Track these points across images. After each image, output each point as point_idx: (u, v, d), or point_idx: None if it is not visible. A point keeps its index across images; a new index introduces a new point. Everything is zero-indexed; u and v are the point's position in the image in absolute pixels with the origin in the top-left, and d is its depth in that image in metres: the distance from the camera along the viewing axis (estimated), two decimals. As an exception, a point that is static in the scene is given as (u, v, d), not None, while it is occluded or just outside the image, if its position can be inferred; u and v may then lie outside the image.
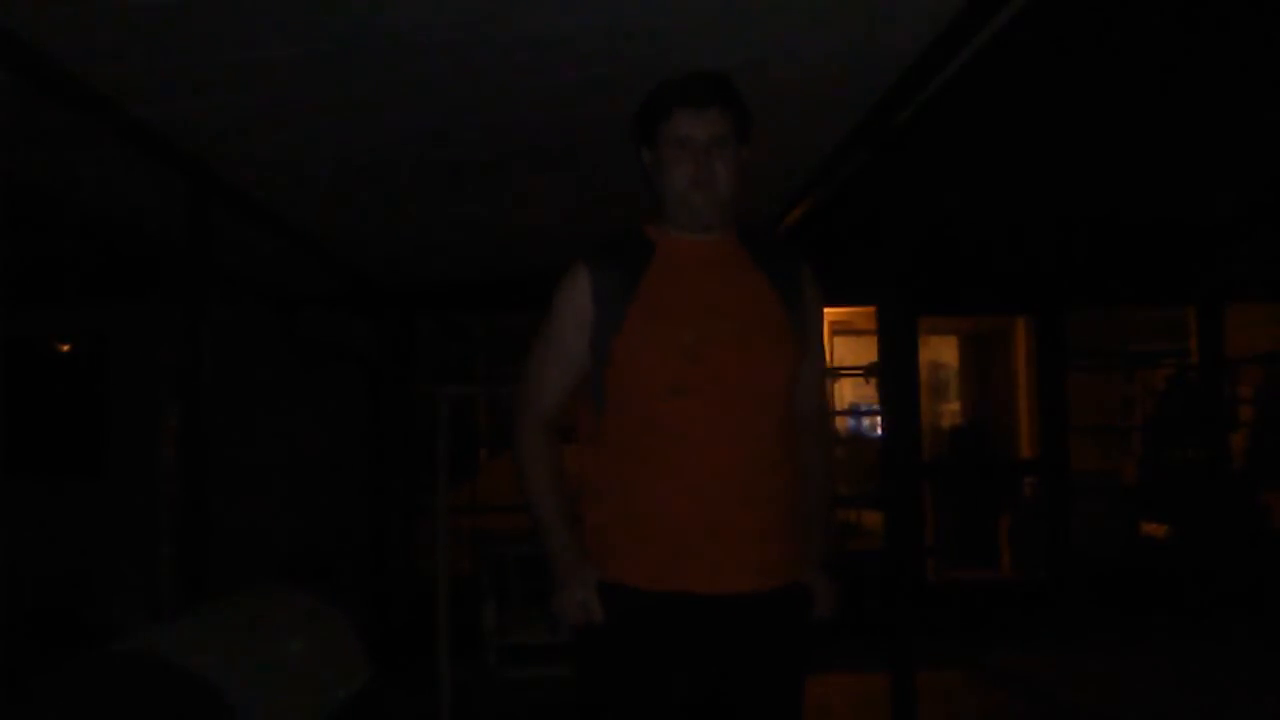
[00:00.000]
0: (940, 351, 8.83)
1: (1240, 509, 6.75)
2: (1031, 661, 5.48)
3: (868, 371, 6.58)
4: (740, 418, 1.79)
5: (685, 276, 1.85)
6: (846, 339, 7.89)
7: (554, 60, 2.79)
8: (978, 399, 8.55)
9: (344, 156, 3.63)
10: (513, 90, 3.02)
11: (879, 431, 6.65)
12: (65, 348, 6.50)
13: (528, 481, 1.89)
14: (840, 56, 2.80)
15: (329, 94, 3.00)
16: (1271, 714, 4.45)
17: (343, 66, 2.80)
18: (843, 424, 8.54)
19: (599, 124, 3.30)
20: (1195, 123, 3.71)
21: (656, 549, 1.78)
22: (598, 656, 1.84)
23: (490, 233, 4.98)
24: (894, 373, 3.61)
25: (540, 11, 2.48)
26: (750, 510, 1.78)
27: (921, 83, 2.87)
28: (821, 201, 4.24)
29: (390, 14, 2.47)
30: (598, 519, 1.85)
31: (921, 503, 6.58)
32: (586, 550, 1.84)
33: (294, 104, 3.08)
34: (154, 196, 3.92)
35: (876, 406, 7.28)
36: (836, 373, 7.68)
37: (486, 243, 5.20)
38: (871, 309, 5.04)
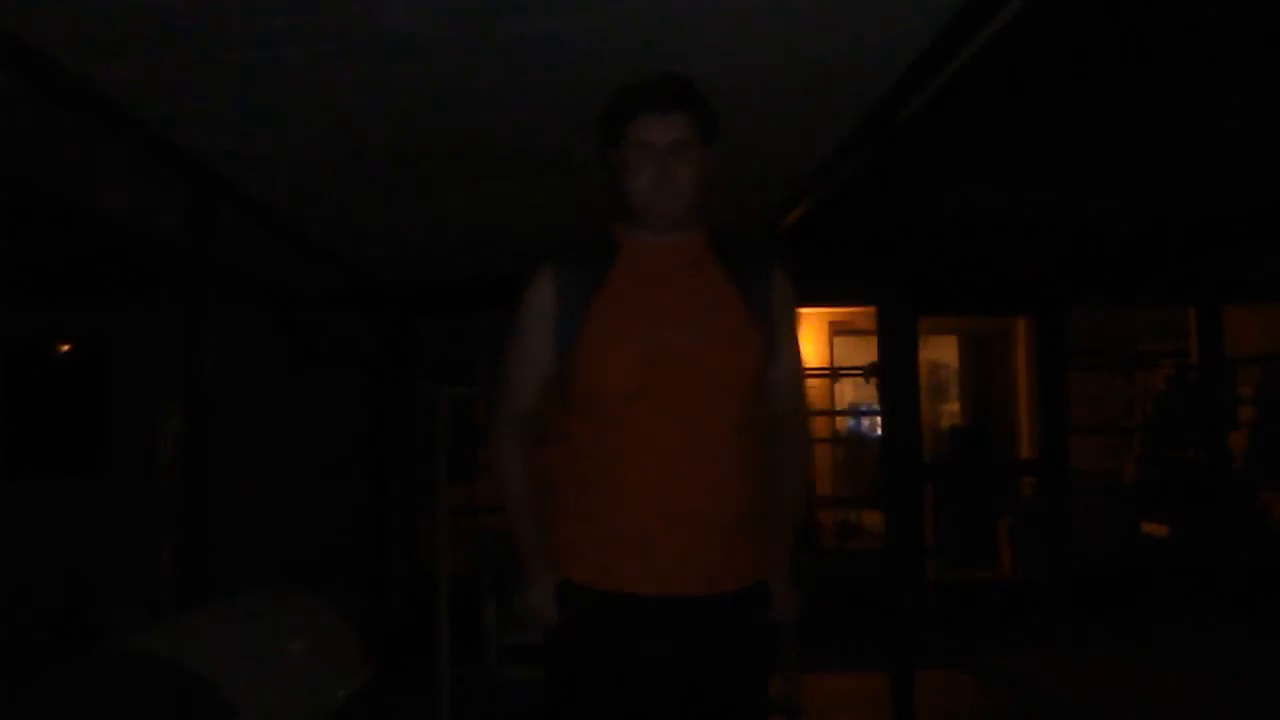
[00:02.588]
0: (940, 351, 8.83)
1: (1240, 509, 6.75)
2: (1032, 661, 5.47)
3: (868, 371, 6.58)
4: (698, 421, 1.79)
5: (646, 278, 1.86)
6: (846, 339, 7.88)
7: (553, 61, 2.79)
8: (978, 399, 8.55)
9: (344, 156, 3.63)
10: (513, 91, 3.02)
11: (879, 431, 6.65)
12: (65, 348, 6.50)
13: (501, 484, 1.91)
14: (840, 56, 2.81)
15: (329, 94, 3.00)
16: (1272, 715, 4.45)
17: (343, 67, 2.80)
18: (842, 424, 8.54)
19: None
20: (1196, 122, 3.71)
21: (613, 551, 1.79)
22: (559, 654, 1.88)
23: (490, 233, 4.98)
24: (894, 373, 3.60)
25: (538, 12, 2.48)
26: (707, 514, 1.79)
27: (922, 82, 2.88)
28: (822, 201, 4.24)
29: (390, 15, 2.47)
30: (560, 520, 1.86)
31: (921, 503, 6.57)
32: (552, 551, 1.86)
33: (294, 104, 3.08)
34: (154, 196, 3.92)
35: (876, 406, 7.27)
36: (837, 373, 7.70)
37: (486, 243, 5.20)
38: (871, 309, 5.03)
